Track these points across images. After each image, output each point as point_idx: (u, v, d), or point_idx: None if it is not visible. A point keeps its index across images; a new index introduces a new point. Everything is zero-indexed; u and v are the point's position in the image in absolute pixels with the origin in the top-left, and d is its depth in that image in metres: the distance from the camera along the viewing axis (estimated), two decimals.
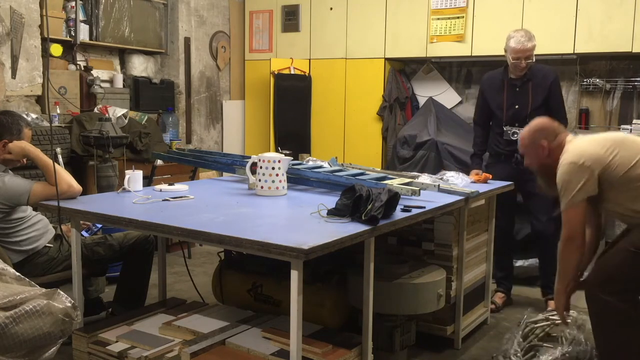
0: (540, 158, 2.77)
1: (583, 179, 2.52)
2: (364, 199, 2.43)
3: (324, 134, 6.02)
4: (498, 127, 3.91)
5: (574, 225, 2.57)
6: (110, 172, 4.22)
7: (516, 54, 3.72)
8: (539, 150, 2.76)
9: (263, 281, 3.19)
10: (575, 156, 2.57)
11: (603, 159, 2.53)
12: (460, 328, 3.27)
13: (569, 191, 2.56)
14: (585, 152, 2.57)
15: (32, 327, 2.08)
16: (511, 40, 3.75)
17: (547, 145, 2.74)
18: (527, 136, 2.83)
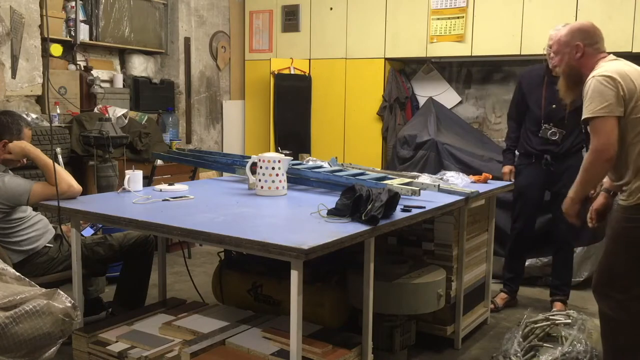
0: (571, 59, 2.62)
1: (616, 95, 2.38)
2: (364, 199, 2.43)
3: (324, 134, 6.02)
4: (533, 124, 3.75)
5: (606, 135, 2.39)
6: (110, 172, 4.22)
7: (548, 41, 3.41)
8: (572, 50, 2.60)
9: (263, 281, 3.19)
10: (615, 73, 2.42)
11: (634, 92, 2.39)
12: (460, 328, 3.27)
13: (602, 100, 2.39)
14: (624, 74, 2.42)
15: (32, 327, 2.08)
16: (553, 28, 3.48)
17: (582, 47, 2.58)
18: (566, 33, 2.65)
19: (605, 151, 2.41)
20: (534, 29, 4.88)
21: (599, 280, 2.58)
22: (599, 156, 2.44)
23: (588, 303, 3.85)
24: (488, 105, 5.65)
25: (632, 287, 2.47)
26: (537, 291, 4.24)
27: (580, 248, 4.29)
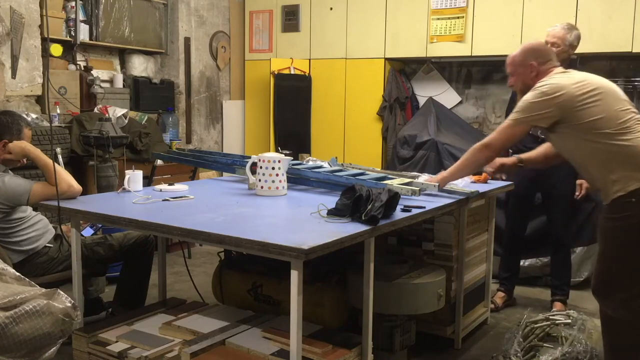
0: (526, 78, 2.75)
1: (543, 111, 2.55)
2: (364, 199, 2.43)
3: (324, 134, 6.02)
4: None
5: (503, 139, 2.68)
6: (110, 172, 4.22)
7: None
8: (527, 69, 2.75)
9: (263, 281, 3.19)
10: (552, 89, 2.55)
11: (574, 103, 2.51)
12: (460, 328, 3.27)
13: (524, 112, 2.60)
14: (562, 89, 2.54)
15: (32, 327, 2.08)
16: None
17: (536, 66, 2.72)
18: (519, 54, 2.80)
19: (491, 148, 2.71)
20: (534, 29, 4.88)
21: (597, 282, 2.58)
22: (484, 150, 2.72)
23: (588, 303, 3.85)
24: (488, 105, 5.66)
25: (632, 286, 2.48)
26: (537, 291, 4.24)
27: (580, 248, 4.29)
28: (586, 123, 2.50)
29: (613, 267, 2.51)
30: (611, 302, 2.52)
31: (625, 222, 2.46)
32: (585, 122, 2.50)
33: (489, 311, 3.72)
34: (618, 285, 2.50)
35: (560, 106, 2.52)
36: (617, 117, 2.49)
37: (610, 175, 2.47)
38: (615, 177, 2.46)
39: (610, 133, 2.47)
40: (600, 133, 2.48)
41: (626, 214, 2.45)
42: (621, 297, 2.49)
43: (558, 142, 2.69)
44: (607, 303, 2.54)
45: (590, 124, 2.49)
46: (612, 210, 2.50)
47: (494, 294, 3.93)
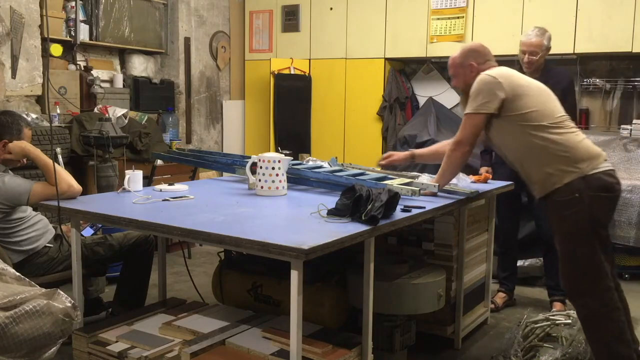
0: (467, 78, 2.87)
1: (493, 94, 2.68)
2: (364, 199, 2.43)
3: (324, 134, 6.02)
4: None
5: (470, 132, 2.77)
6: (110, 172, 4.22)
7: (521, 47, 3.69)
8: (467, 69, 2.88)
9: (263, 281, 3.19)
10: (494, 74, 2.72)
11: (514, 89, 2.68)
12: (460, 328, 3.27)
13: (477, 99, 2.72)
14: (505, 75, 2.73)
15: (32, 327, 2.08)
16: (523, 34, 3.75)
17: (476, 66, 2.85)
18: (459, 56, 2.93)
19: (463, 144, 2.80)
20: None
21: (568, 284, 2.66)
22: (458, 147, 2.82)
23: None
24: None
25: (600, 279, 2.56)
26: (537, 291, 4.24)
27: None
28: (523, 114, 2.65)
29: (578, 265, 2.59)
30: (587, 300, 2.58)
31: (575, 218, 2.57)
32: (522, 113, 2.65)
33: (489, 311, 3.72)
34: (587, 281, 2.57)
35: (504, 88, 2.67)
36: (551, 113, 2.68)
37: (546, 169, 2.62)
38: (551, 170, 2.61)
39: (545, 126, 2.63)
40: (536, 125, 2.64)
41: (574, 210, 2.56)
42: (594, 292, 2.56)
43: (497, 137, 2.81)
44: (583, 302, 2.60)
45: (526, 116, 2.65)
46: (560, 209, 2.61)
47: (494, 294, 3.93)
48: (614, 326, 2.55)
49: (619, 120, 5.03)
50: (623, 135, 4.73)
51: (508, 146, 2.78)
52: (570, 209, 2.57)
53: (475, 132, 2.79)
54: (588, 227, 2.55)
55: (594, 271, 2.56)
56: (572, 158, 2.59)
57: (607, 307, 2.55)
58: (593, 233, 2.56)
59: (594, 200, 2.55)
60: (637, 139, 4.65)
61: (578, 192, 2.55)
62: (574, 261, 2.61)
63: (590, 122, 5.16)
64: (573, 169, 2.58)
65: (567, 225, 2.61)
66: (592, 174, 2.57)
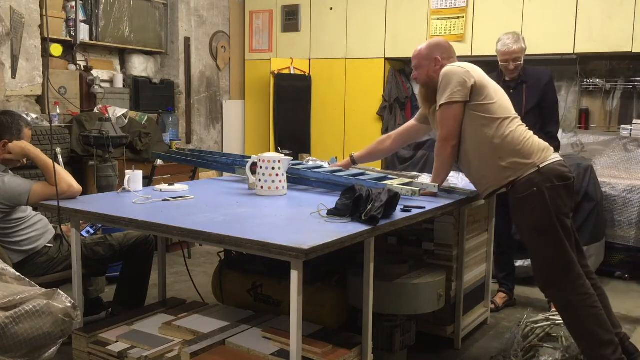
0: (429, 71, 2.94)
1: (463, 82, 2.75)
2: (364, 199, 2.43)
3: (324, 134, 6.02)
4: None
5: (452, 124, 2.79)
6: (110, 172, 4.22)
7: (503, 56, 3.75)
8: (431, 63, 2.94)
9: (263, 281, 3.19)
10: (462, 65, 2.82)
11: (483, 80, 2.78)
12: (460, 328, 3.27)
13: (448, 89, 2.77)
14: (470, 65, 2.83)
15: (32, 327, 2.08)
16: (498, 44, 3.78)
17: (440, 60, 2.91)
18: (425, 48, 3.00)
19: (448, 139, 2.83)
20: (534, 29, 4.88)
21: (542, 276, 2.72)
22: (445, 144, 2.85)
23: None
24: None
25: (571, 268, 2.62)
26: (537, 291, 4.19)
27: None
28: (483, 105, 2.73)
29: (546, 257, 2.66)
30: (559, 290, 2.64)
31: (538, 211, 2.63)
32: (483, 103, 2.73)
33: (489, 311, 3.71)
34: (557, 271, 2.63)
35: (473, 76, 2.76)
36: (507, 108, 2.79)
37: (499, 162, 2.71)
38: (504, 163, 2.70)
39: (501, 119, 2.71)
40: (493, 118, 2.72)
41: (535, 204, 2.63)
42: (565, 281, 2.62)
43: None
44: (556, 292, 2.66)
45: (486, 107, 2.72)
46: (521, 205, 2.68)
47: (495, 294, 3.93)
48: (590, 312, 2.61)
49: (619, 120, 5.03)
50: (623, 135, 4.73)
51: (464, 139, 2.82)
52: (531, 203, 2.64)
53: (457, 123, 2.81)
54: (551, 218, 2.61)
55: (562, 261, 2.63)
56: (524, 151, 2.69)
57: (580, 294, 2.61)
58: (557, 223, 2.62)
59: (552, 190, 2.62)
60: (637, 139, 4.66)
61: (536, 186, 2.63)
62: (542, 253, 2.68)
63: (590, 122, 5.16)
64: (526, 161, 2.67)
65: (531, 220, 2.67)
66: (545, 166, 2.67)
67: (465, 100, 2.77)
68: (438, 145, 2.91)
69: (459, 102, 2.77)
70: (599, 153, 4.72)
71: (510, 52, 3.72)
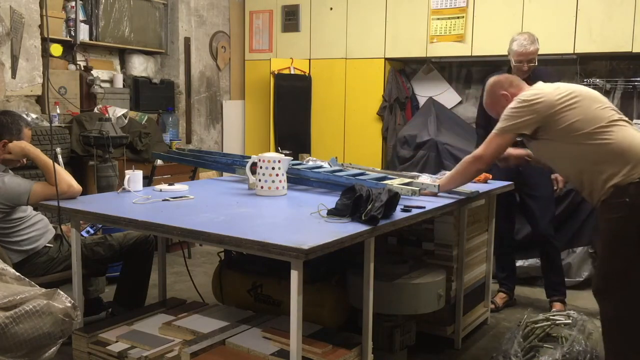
0: (505, 106, 2.80)
1: (525, 118, 2.64)
2: (364, 199, 2.43)
3: (324, 134, 6.02)
4: None
5: (492, 150, 2.76)
6: (110, 172, 4.22)
7: (518, 57, 3.68)
8: (502, 100, 2.86)
9: (263, 281, 3.19)
10: (530, 95, 2.67)
11: (554, 107, 2.59)
12: (460, 328, 3.27)
13: (506, 120, 2.70)
14: (540, 93, 2.65)
15: (32, 327, 2.08)
16: (514, 44, 3.72)
17: (507, 93, 2.85)
18: (487, 95, 2.95)
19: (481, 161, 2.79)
20: (534, 29, 4.86)
21: (598, 282, 2.61)
22: (475, 162, 2.81)
23: (588, 303, 3.85)
24: None
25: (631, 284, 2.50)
26: (537, 291, 4.24)
27: (580, 248, 4.29)
28: (565, 127, 2.57)
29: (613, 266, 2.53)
30: (612, 302, 2.53)
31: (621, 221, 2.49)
32: (565, 125, 2.57)
33: (489, 311, 3.72)
34: (618, 283, 2.52)
35: (540, 111, 2.60)
36: (596, 117, 2.55)
37: (601, 176, 2.52)
38: (605, 176, 2.50)
39: (590, 133, 2.53)
40: (581, 134, 2.54)
41: (621, 214, 2.48)
42: (622, 295, 2.50)
43: (542, 151, 2.76)
44: (608, 303, 2.55)
45: (568, 127, 2.56)
46: (607, 211, 2.53)
47: (495, 295, 3.93)
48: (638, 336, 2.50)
49: None
50: None
51: (555, 159, 2.74)
52: (618, 212, 2.48)
53: (499, 152, 2.79)
54: (632, 233, 2.47)
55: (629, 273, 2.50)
56: (626, 160, 2.48)
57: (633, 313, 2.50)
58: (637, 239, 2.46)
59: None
60: None
61: (629, 197, 2.46)
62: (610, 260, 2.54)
63: None
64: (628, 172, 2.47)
65: (611, 227, 2.53)
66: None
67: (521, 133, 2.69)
68: (469, 158, 2.85)
69: (511, 135, 2.71)
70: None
71: (526, 52, 3.66)
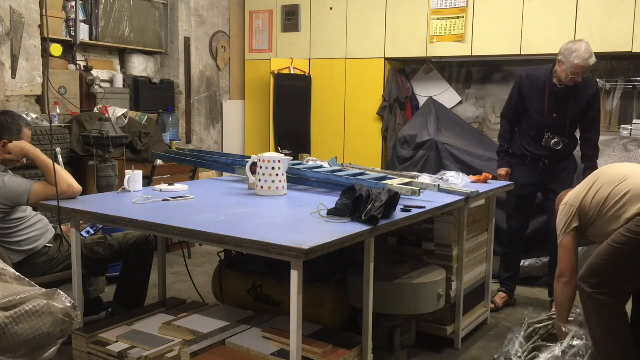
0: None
1: (568, 217, 2.78)
2: (364, 199, 2.43)
3: (324, 134, 6.02)
4: (533, 130, 3.76)
5: (562, 260, 2.79)
6: (110, 172, 4.22)
7: (577, 70, 3.56)
8: None
9: (263, 281, 3.19)
10: (567, 198, 2.84)
11: (580, 196, 2.76)
12: (460, 328, 3.27)
13: (559, 228, 2.83)
14: (572, 192, 2.84)
15: (32, 327, 2.08)
16: (574, 56, 3.56)
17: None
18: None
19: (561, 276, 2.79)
20: (534, 29, 4.88)
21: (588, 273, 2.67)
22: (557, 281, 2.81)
23: None
24: (488, 105, 5.65)
25: (621, 282, 2.60)
26: (537, 291, 4.24)
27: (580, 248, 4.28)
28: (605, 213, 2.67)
29: (601, 261, 2.62)
30: (589, 289, 2.62)
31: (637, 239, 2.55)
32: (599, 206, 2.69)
33: (489, 311, 3.71)
34: (610, 280, 2.60)
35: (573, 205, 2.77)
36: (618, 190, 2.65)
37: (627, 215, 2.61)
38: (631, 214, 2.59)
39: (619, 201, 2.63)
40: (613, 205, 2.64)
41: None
42: (610, 289, 2.59)
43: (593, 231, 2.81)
44: (587, 290, 2.63)
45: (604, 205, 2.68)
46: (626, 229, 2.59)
47: (495, 294, 3.93)
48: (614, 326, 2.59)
49: (619, 120, 5.02)
50: (623, 135, 4.73)
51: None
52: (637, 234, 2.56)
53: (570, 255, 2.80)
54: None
55: (621, 275, 2.60)
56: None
57: (612, 309, 2.59)
58: None
59: None
60: (637, 139, 4.65)
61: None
62: (606, 255, 2.62)
63: None
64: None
65: (623, 239, 2.58)
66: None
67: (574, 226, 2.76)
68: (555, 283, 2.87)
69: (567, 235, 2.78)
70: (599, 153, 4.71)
71: (587, 66, 3.58)
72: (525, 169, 3.82)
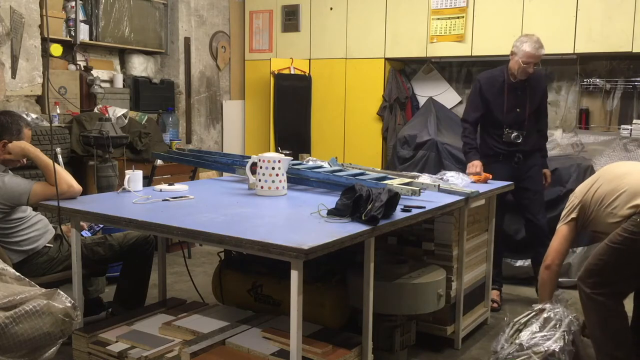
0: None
1: (570, 207, 2.88)
2: (364, 199, 2.43)
3: (324, 134, 6.02)
4: (496, 128, 3.91)
5: (551, 244, 2.90)
6: (110, 172, 4.22)
7: (528, 59, 3.70)
8: None
9: (263, 281, 3.19)
10: (576, 190, 2.95)
11: (584, 190, 2.85)
12: (460, 328, 3.27)
13: (562, 215, 2.94)
14: (580, 185, 2.94)
15: (32, 327, 2.08)
16: (525, 45, 3.71)
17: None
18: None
19: (548, 266, 2.89)
20: (534, 29, 4.87)
21: (587, 273, 2.69)
22: (543, 269, 2.92)
23: None
24: None
25: (618, 283, 2.63)
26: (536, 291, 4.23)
27: (580, 248, 4.29)
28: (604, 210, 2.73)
29: (599, 261, 2.64)
30: (588, 289, 2.65)
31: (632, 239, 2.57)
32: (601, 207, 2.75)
33: (489, 311, 3.71)
34: (607, 280, 2.62)
35: (577, 196, 2.87)
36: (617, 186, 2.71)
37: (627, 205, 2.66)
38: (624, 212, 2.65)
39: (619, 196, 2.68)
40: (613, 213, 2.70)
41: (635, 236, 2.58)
42: (608, 289, 2.62)
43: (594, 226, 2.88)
44: (585, 290, 2.66)
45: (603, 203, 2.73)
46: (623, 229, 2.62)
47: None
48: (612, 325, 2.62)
49: (619, 120, 5.03)
50: (623, 135, 4.73)
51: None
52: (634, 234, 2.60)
53: (560, 243, 2.88)
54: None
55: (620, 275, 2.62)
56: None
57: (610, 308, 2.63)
58: None
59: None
60: (637, 139, 4.65)
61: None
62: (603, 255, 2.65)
63: (590, 122, 5.16)
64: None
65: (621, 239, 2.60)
66: None
67: (572, 220, 2.85)
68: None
69: (565, 224, 2.87)
70: (599, 153, 4.71)
71: (537, 55, 3.71)
72: (500, 165, 3.91)
